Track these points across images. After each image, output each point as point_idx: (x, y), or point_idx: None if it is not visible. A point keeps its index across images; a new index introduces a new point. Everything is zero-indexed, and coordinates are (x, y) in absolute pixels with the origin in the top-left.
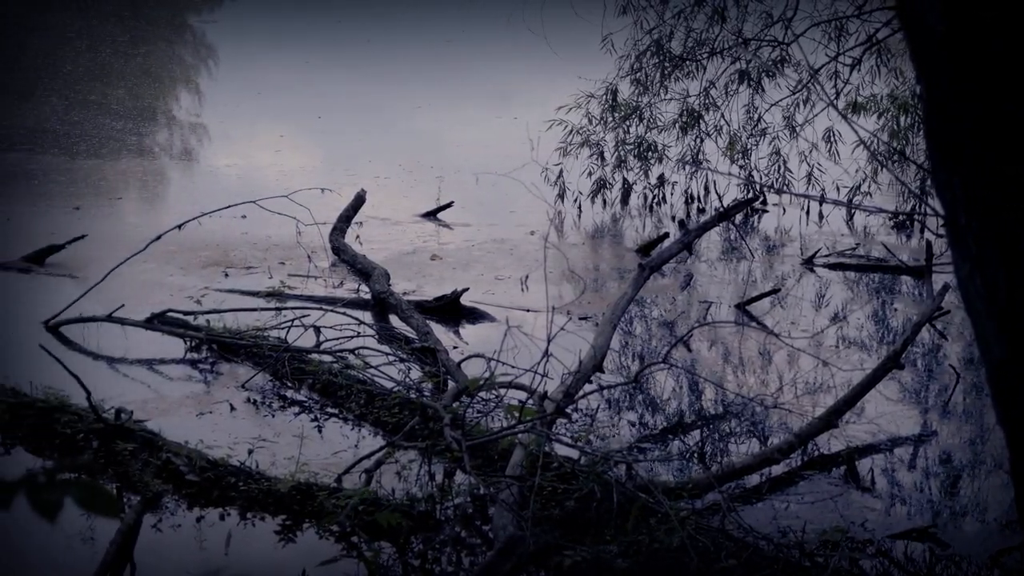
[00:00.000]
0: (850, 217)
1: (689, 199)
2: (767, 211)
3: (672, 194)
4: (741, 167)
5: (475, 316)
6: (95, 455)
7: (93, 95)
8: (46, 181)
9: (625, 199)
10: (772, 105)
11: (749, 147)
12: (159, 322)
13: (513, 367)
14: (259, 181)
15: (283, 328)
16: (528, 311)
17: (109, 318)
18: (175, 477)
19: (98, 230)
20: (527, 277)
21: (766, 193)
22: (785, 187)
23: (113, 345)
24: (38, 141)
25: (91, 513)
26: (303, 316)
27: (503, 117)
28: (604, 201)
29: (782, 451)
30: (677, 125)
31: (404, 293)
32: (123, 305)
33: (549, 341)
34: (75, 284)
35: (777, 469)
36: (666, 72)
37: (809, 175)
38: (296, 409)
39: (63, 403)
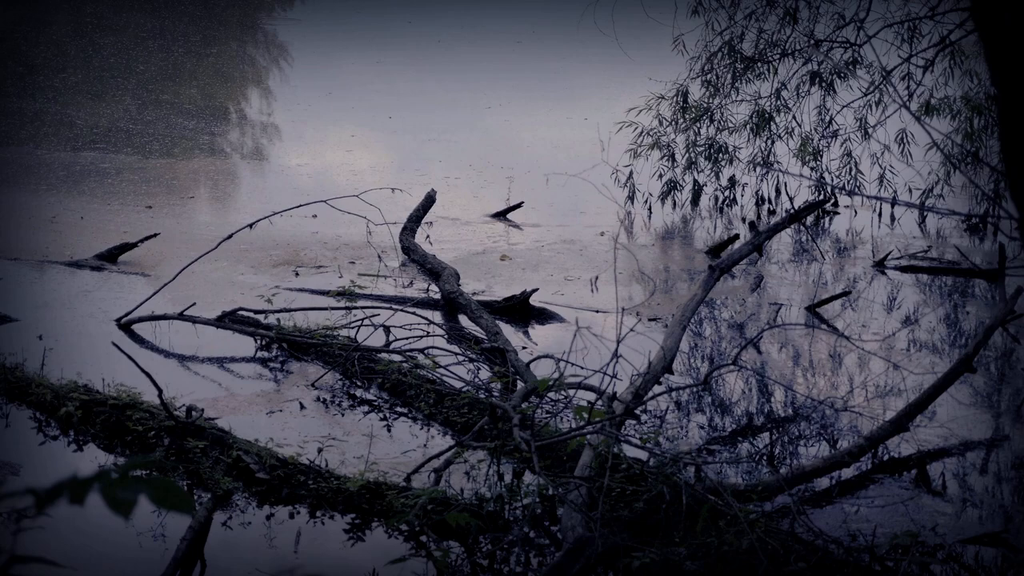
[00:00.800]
0: (922, 220)
1: (760, 201)
2: (838, 213)
3: (743, 196)
4: (812, 169)
5: (544, 317)
6: (166, 452)
7: (166, 94)
8: (119, 180)
9: (695, 201)
10: (844, 107)
11: (820, 149)
12: (230, 320)
13: (582, 368)
14: (330, 180)
15: (353, 327)
16: (597, 312)
17: (180, 316)
18: (245, 475)
19: (170, 229)
20: (597, 278)
21: (837, 195)
22: (857, 189)
23: (184, 343)
24: (111, 140)
25: (165, 510)
26: (373, 315)
27: (573, 118)
28: (674, 203)
29: (852, 454)
30: (748, 127)
31: (474, 293)
32: (194, 303)
33: (618, 342)
34: (147, 282)
35: (847, 472)
36: (737, 73)
37: (881, 177)
38: (365, 408)
39: (135, 400)
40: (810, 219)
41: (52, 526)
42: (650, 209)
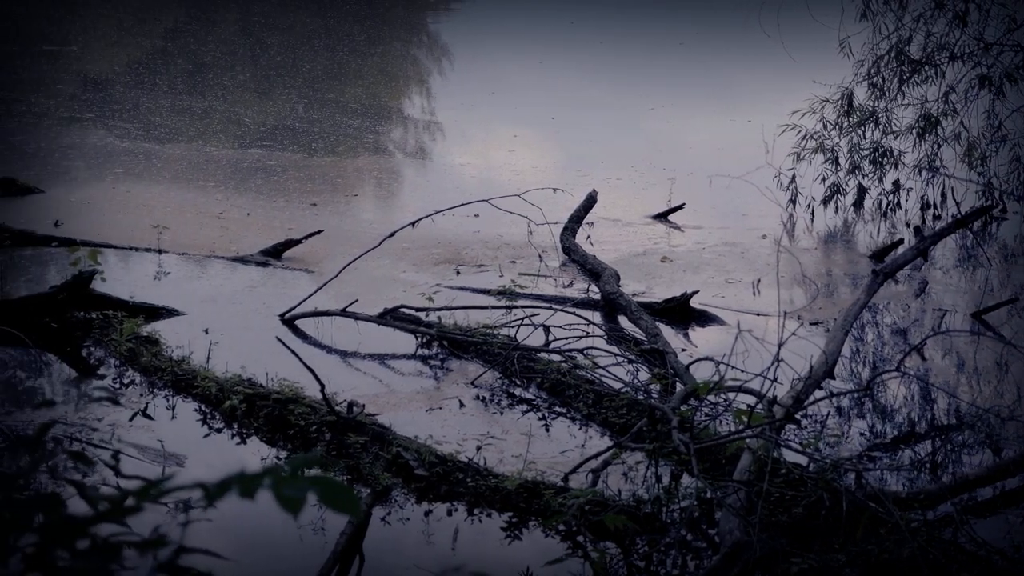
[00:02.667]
0: None
1: (925, 205)
2: (1006, 219)
3: (907, 200)
4: (980, 174)
5: (705, 319)
6: (327, 447)
7: (331, 93)
8: (285, 177)
9: (859, 204)
10: (1014, 111)
11: (988, 154)
12: (391, 318)
13: (742, 371)
14: (492, 180)
15: (513, 326)
16: (759, 315)
17: (343, 312)
18: (404, 471)
19: (334, 226)
20: (758, 281)
21: (1005, 200)
22: None
23: (346, 339)
24: (278, 138)
25: (333, 510)
26: (533, 315)
27: (736, 120)
28: (837, 206)
29: (1017, 464)
30: (914, 130)
31: (634, 294)
32: (357, 300)
33: (780, 346)
34: (311, 279)
35: (1012, 482)
36: (904, 76)
37: None
38: (524, 407)
39: (297, 395)
40: (977, 224)
41: (215, 516)
42: (812, 212)
